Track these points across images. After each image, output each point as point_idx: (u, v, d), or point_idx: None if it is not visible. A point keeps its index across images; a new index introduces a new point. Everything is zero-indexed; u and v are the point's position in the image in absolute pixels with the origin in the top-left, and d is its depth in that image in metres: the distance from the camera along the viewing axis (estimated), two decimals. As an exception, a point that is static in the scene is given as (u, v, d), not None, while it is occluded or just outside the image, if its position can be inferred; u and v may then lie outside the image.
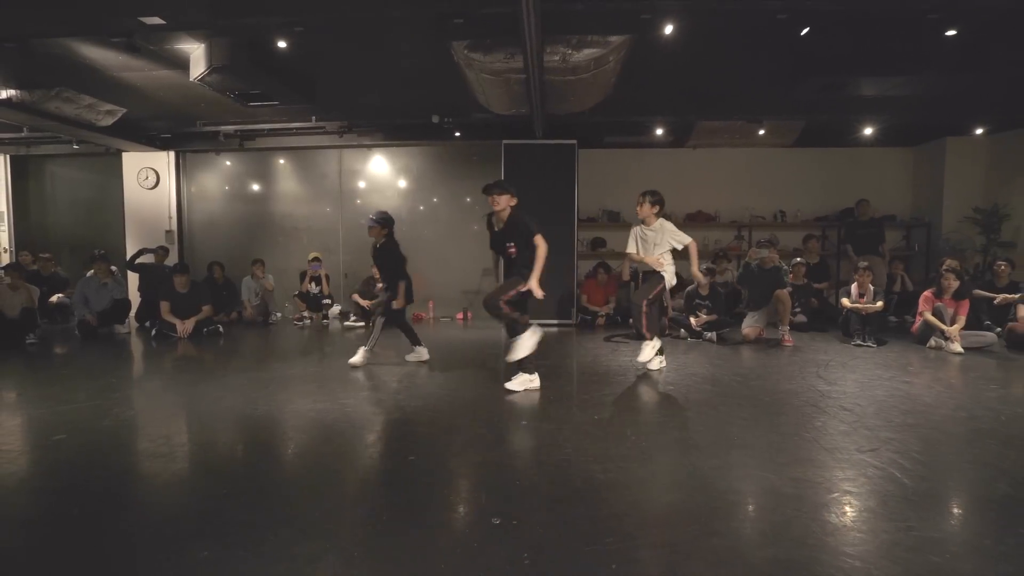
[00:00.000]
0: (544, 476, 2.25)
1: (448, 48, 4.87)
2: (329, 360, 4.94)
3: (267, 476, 2.31)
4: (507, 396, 3.53)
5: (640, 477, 2.22)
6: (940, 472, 2.31)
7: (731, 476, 2.24)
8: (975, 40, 4.45)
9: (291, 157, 8.36)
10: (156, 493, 2.18)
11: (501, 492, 2.10)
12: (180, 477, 2.33)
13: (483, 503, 2.02)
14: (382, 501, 2.08)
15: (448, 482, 2.26)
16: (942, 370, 4.44)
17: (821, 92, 5.53)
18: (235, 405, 3.38)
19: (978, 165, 7.55)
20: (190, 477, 2.34)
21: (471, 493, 2.13)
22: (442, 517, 1.95)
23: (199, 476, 2.36)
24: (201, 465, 2.47)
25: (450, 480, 2.28)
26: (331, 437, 2.79)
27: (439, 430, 2.92)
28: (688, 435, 2.77)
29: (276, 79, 5.24)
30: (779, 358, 4.91)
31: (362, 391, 3.71)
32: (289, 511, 1.97)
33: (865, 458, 2.43)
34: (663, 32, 4.25)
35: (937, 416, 3.07)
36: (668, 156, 8.09)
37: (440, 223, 8.21)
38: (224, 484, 2.23)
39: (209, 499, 2.10)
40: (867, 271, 5.85)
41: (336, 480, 2.27)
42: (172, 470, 2.39)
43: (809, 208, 8.12)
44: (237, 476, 2.31)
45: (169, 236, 8.15)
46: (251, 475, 2.32)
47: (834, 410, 3.19)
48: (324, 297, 7.50)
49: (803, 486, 2.14)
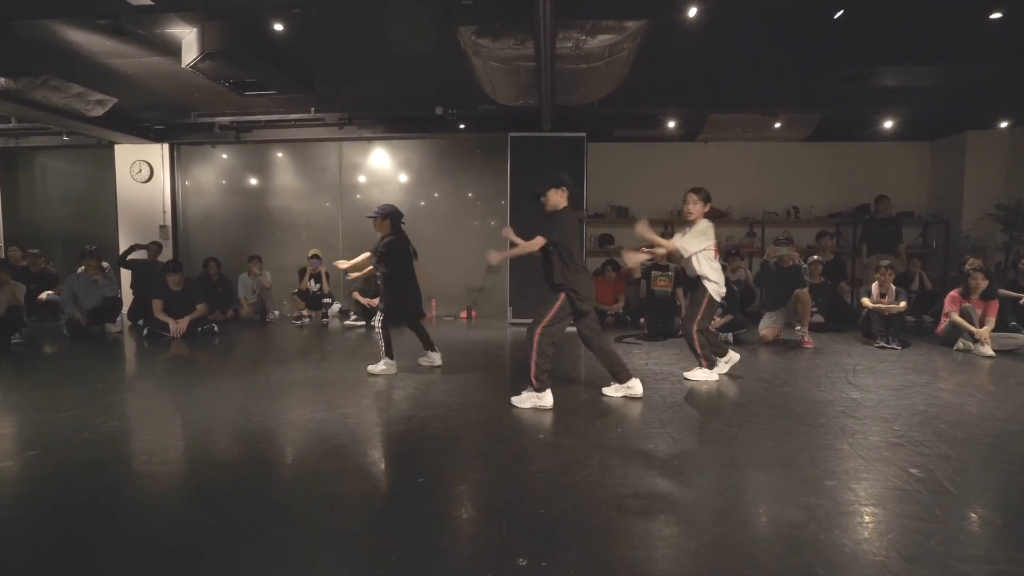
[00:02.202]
0: (570, 501, 2.01)
1: (454, 34, 4.61)
2: (329, 363, 4.70)
3: (261, 503, 2.07)
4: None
5: (678, 503, 1.99)
6: (1012, 497, 2.07)
7: (781, 503, 2.00)
8: (1012, 25, 4.20)
9: (289, 150, 8.09)
10: (132, 524, 1.94)
11: (524, 522, 1.87)
12: (161, 504, 2.09)
13: (505, 536, 1.78)
14: (388, 534, 1.83)
15: (462, 509, 2.02)
16: (977, 375, 4.21)
17: (842, 83, 5.28)
18: (228, 415, 3.14)
19: (1000, 160, 7.30)
20: (173, 504, 2.10)
21: (490, 524, 1.88)
22: (459, 556, 1.71)
23: (184, 503, 2.11)
24: (187, 489, 2.22)
25: (464, 507, 2.04)
26: (331, 454, 2.55)
27: (448, 444, 2.68)
28: (722, 451, 2.53)
29: (273, 66, 4.96)
30: (801, 361, 4.68)
31: (363, 399, 3.47)
32: (284, 547, 1.73)
33: (923, 477, 2.20)
34: (682, 16, 3.99)
35: (989, 430, 2.84)
36: (679, 150, 7.83)
37: (443, 219, 7.96)
38: (212, 513, 1.98)
39: (195, 532, 1.86)
40: (889, 269, 5.62)
41: (337, 508, 2.03)
42: (153, 495, 2.15)
43: (823, 205, 7.88)
44: (227, 503, 2.07)
45: (163, 231, 7.89)
46: (243, 501, 2.08)
47: (875, 421, 2.96)
48: (324, 295, 7.25)
49: (856, 517, 1.90)
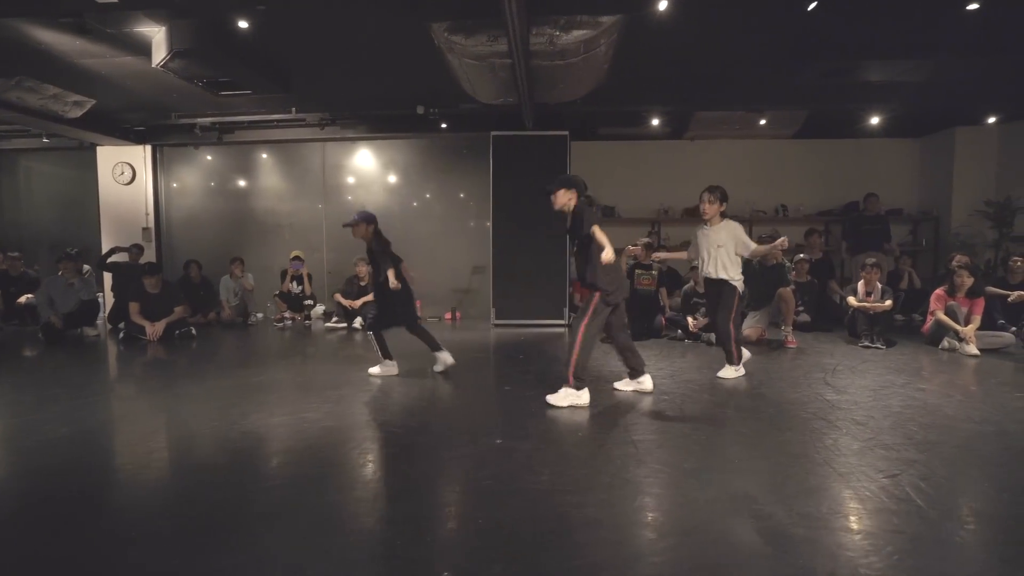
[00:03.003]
0: (510, 513, 1.93)
1: (428, 31, 4.54)
2: (302, 366, 4.62)
3: (196, 510, 1.99)
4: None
5: (623, 514, 1.91)
6: (975, 505, 1.99)
7: (731, 513, 1.92)
8: (993, 18, 4.12)
9: (273, 151, 8.02)
10: (55, 557, 1.87)
11: (457, 533, 1.79)
12: (92, 523, 2.01)
13: (431, 549, 1.70)
14: (304, 551, 1.76)
15: (392, 521, 1.93)
16: (959, 375, 4.13)
17: (825, 78, 5.20)
18: (190, 421, 3.07)
19: (989, 156, 7.22)
20: (110, 526, 2.02)
21: (418, 535, 1.80)
22: (374, 571, 1.62)
23: (122, 526, 2.04)
24: (128, 513, 2.13)
25: (394, 518, 1.95)
26: (275, 461, 2.48)
27: (401, 451, 2.60)
28: (683, 458, 2.45)
29: (245, 66, 4.90)
30: (783, 362, 4.60)
31: (326, 403, 3.39)
32: (208, 558, 1.66)
33: (887, 485, 2.12)
34: (656, 10, 3.92)
35: (962, 431, 2.76)
36: (665, 148, 7.76)
37: (429, 219, 7.88)
38: (157, 551, 1.90)
39: (142, 543, 1.78)
40: (875, 268, 5.54)
41: (256, 518, 1.95)
42: (86, 512, 2.07)
43: (812, 202, 7.80)
44: (177, 533, 1.99)
45: (146, 234, 7.82)
46: (199, 530, 2.01)
47: (846, 424, 2.88)
48: (306, 297, 7.18)
49: (815, 526, 1.83)
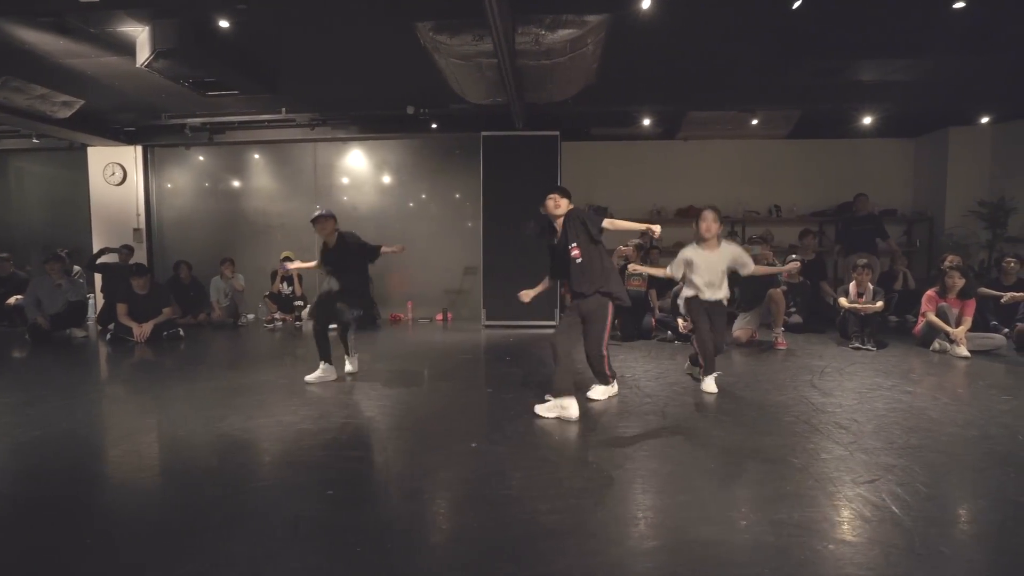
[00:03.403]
0: (475, 520, 1.89)
1: (414, 31, 4.51)
2: (285, 367, 4.58)
3: (182, 535, 1.96)
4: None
5: (591, 521, 1.87)
6: (951, 513, 1.95)
7: (701, 520, 1.89)
8: (982, 17, 4.09)
9: (264, 152, 7.99)
10: (9, 550, 1.83)
11: (418, 541, 1.76)
12: (47, 527, 1.98)
13: (390, 558, 1.67)
14: (264, 557, 1.72)
15: (354, 528, 1.89)
16: (947, 377, 4.09)
17: (817, 77, 5.16)
18: (166, 424, 3.04)
19: (982, 156, 7.18)
20: (67, 531, 1.99)
21: (379, 543, 1.76)
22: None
23: (81, 530, 2.00)
24: (91, 517, 2.10)
25: (358, 524, 1.91)
26: (248, 463, 2.45)
27: (373, 454, 2.57)
28: (658, 463, 2.41)
29: (231, 66, 4.88)
30: (771, 363, 4.56)
31: (305, 405, 3.35)
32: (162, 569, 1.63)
33: (862, 492, 2.08)
34: (640, 9, 3.88)
35: (945, 435, 2.72)
36: (658, 148, 7.72)
37: (421, 219, 7.85)
38: (112, 557, 1.87)
39: (76, 556, 1.75)
40: (867, 269, 5.50)
41: (223, 523, 1.92)
42: (44, 516, 2.04)
43: (805, 202, 7.76)
44: (133, 539, 1.96)
45: (137, 234, 7.80)
46: (157, 535, 1.97)
47: (828, 428, 2.84)
48: (297, 298, 7.15)
49: (787, 533, 1.79)
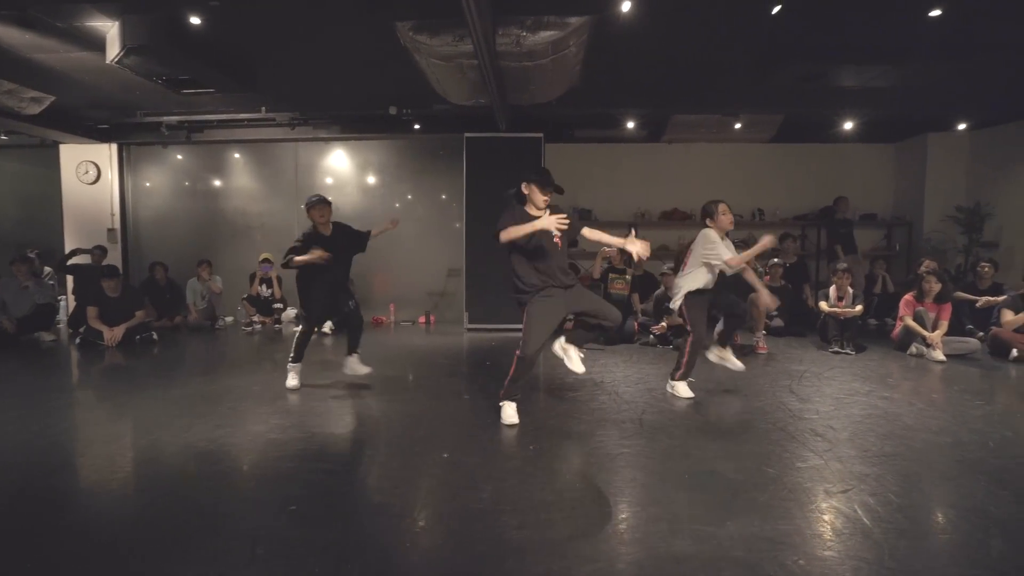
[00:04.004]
0: (442, 537, 1.84)
1: (393, 30, 4.44)
2: (263, 374, 4.47)
3: (126, 552, 1.87)
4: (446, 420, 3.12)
5: (560, 538, 1.83)
6: (922, 524, 1.94)
7: (672, 533, 1.85)
8: (958, 25, 4.13)
9: (245, 151, 7.85)
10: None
11: (372, 566, 1.69)
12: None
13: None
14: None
15: (312, 546, 1.83)
16: (924, 382, 4.12)
17: (799, 82, 5.18)
18: (128, 433, 2.94)
19: (960, 162, 7.29)
20: (14, 544, 1.89)
21: (341, 562, 1.70)
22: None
23: (27, 545, 1.91)
24: (37, 530, 2.01)
25: (318, 541, 1.85)
26: (214, 474, 2.36)
27: (343, 464, 2.50)
28: (632, 473, 2.38)
29: (206, 64, 4.76)
30: (751, 368, 4.54)
31: (275, 413, 3.27)
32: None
33: (835, 503, 2.07)
34: (620, 12, 3.86)
35: (918, 442, 2.72)
36: (642, 151, 7.72)
37: (404, 221, 7.67)
38: (53, 572, 1.78)
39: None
40: (846, 273, 5.54)
41: (180, 536, 1.85)
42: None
43: (788, 206, 7.80)
44: (74, 555, 1.87)
45: (112, 235, 7.60)
46: (101, 550, 1.88)
47: (805, 435, 2.83)
48: (276, 301, 7.02)
49: (757, 548, 1.76)
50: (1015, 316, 4.88)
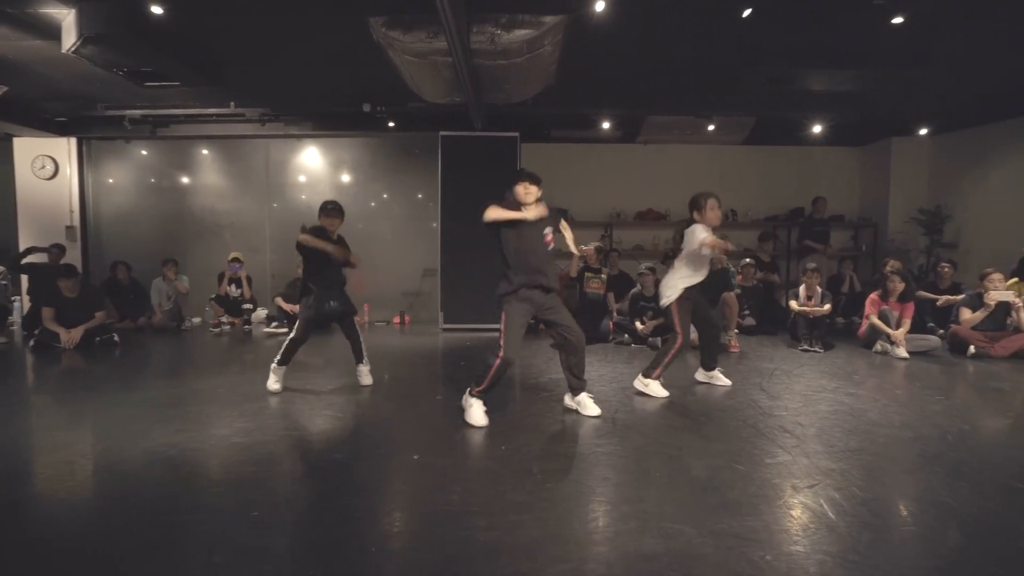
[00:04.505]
0: (408, 540, 1.80)
1: (366, 25, 4.36)
2: (228, 376, 4.34)
3: (76, 566, 1.78)
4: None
5: (531, 536, 1.80)
6: (884, 517, 1.98)
7: (640, 532, 1.84)
8: (919, 34, 4.26)
9: (213, 147, 7.63)
10: None
11: (337, 567, 1.64)
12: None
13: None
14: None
15: (265, 553, 1.77)
16: (888, 378, 4.23)
17: (767, 85, 5.28)
18: (80, 440, 2.81)
19: (922, 166, 7.54)
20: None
21: (306, 567, 1.65)
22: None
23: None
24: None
25: (280, 548, 1.79)
26: (170, 481, 2.27)
27: (310, 468, 2.43)
28: (603, 472, 2.37)
29: (168, 55, 4.61)
30: (723, 366, 4.59)
31: (241, 417, 3.17)
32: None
33: (802, 499, 2.09)
34: (594, 11, 3.87)
35: (881, 437, 2.79)
36: (618, 152, 7.77)
37: (379, 220, 7.66)
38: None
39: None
40: (816, 272, 5.67)
41: (135, 546, 1.76)
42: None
43: (761, 207, 7.96)
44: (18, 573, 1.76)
45: (70, 232, 7.31)
46: (48, 566, 1.78)
47: (774, 432, 2.86)
48: (245, 301, 6.84)
49: (726, 544, 1.76)
50: (972, 314, 5.06)
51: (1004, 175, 6.68)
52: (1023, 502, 2.06)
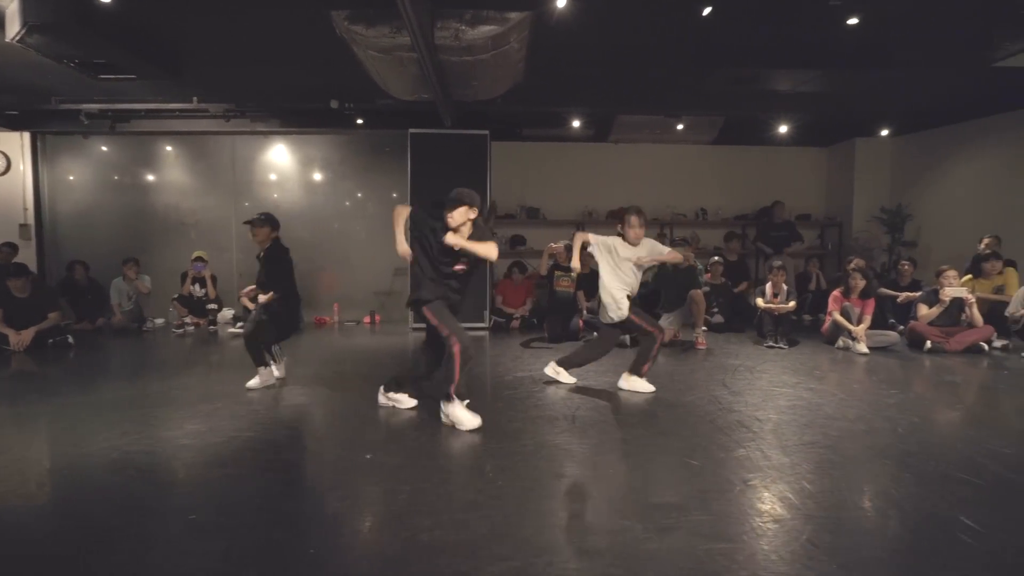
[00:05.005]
0: (347, 538, 1.75)
1: (329, 19, 4.28)
2: (185, 377, 4.21)
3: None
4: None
5: (475, 535, 1.77)
6: (830, 509, 2.00)
7: (588, 528, 1.83)
8: (875, 36, 4.35)
9: (177, 144, 7.42)
10: None
11: (273, 569, 1.59)
12: None
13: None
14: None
15: (205, 556, 1.71)
16: (847, 373, 4.32)
17: (731, 85, 5.34)
18: (20, 446, 2.68)
19: (884, 166, 7.73)
20: None
21: (240, 571, 1.59)
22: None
23: None
24: None
25: (208, 554, 1.73)
26: (117, 485, 2.18)
27: (255, 469, 2.36)
28: (556, 468, 2.36)
29: (122, 47, 4.44)
30: (689, 363, 4.66)
31: (192, 418, 3.07)
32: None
33: (753, 492, 2.10)
34: (557, 8, 3.86)
35: (835, 431, 2.83)
36: (589, 151, 7.79)
37: (349, 218, 7.55)
38: None
39: None
40: (782, 270, 5.76)
41: (68, 556, 1.68)
42: None
43: (730, 206, 8.07)
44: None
45: (24, 230, 7.02)
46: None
47: (731, 427, 2.89)
48: (210, 301, 6.67)
49: (672, 539, 1.76)
50: (929, 310, 5.20)
51: (961, 176, 6.89)
52: (962, 491, 2.10)
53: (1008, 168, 6.33)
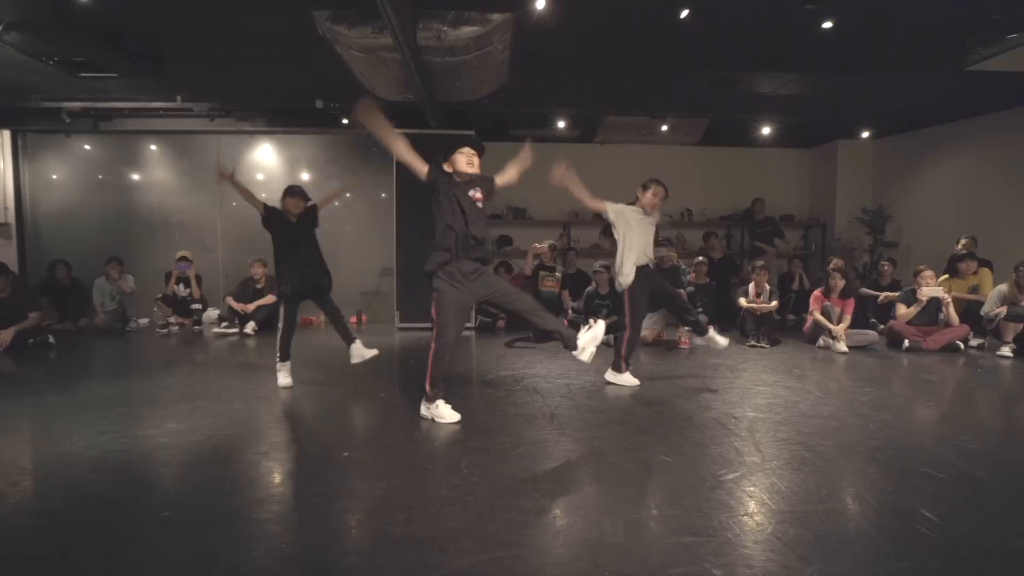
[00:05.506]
0: (317, 534, 1.76)
1: (311, 19, 4.28)
2: (168, 377, 4.18)
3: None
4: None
5: (446, 530, 1.79)
6: (796, 504, 2.04)
7: (557, 524, 1.86)
8: (854, 39, 4.43)
9: (162, 143, 7.38)
10: None
11: (242, 565, 1.60)
12: None
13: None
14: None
15: (177, 552, 1.72)
16: (826, 372, 4.38)
17: (714, 87, 5.41)
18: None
19: (866, 167, 7.85)
20: None
21: (192, 571, 1.60)
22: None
23: None
24: None
25: (178, 550, 1.74)
26: (87, 486, 2.18)
27: (224, 470, 2.36)
28: (531, 465, 2.38)
29: (103, 45, 4.42)
30: (671, 362, 4.71)
31: (171, 418, 3.06)
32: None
33: (723, 489, 2.14)
34: (537, 9, 3.89)
35: (808, 428, 2.88)
36: (576, 151, 7.79)
37: (335, 218, 7.51)
38: None
39: None
40: (763, 270, 5.83)
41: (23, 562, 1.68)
42: None
43: (716, 207, 8.15)
44: None
45: (5, 230, 6.94)
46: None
47: (708, 425, 2.93)
48: (194, 301, 6.63)
49: (641, 535, 1.79)
50: (907, 309, 5.29)
51: (940, 178, 7.01)
52: (926, 486, 2.15)
53: (983, 170, 6.46)
